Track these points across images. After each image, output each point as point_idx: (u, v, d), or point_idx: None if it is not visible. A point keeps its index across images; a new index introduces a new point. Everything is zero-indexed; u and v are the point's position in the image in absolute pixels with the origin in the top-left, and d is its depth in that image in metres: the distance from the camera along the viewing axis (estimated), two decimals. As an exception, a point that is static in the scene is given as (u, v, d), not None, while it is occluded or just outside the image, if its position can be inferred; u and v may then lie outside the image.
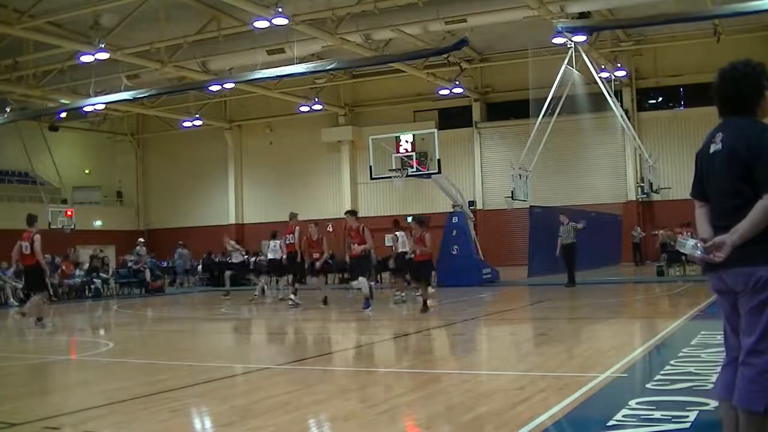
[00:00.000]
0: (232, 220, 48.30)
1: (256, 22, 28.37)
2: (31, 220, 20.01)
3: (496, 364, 11.82)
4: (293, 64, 31.54)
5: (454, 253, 29.10)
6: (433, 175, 29.87)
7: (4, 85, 35.58)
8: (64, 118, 43.22)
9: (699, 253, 4.62)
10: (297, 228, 23.40)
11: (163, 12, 29.34)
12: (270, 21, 27.67)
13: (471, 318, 18.88)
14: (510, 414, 7.37)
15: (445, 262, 28.92)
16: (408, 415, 7.94)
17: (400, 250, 23.51)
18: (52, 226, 38.14)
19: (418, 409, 8.18)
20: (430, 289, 21.16)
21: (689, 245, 4.67)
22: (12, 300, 30.36)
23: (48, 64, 34.40)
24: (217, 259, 38.29)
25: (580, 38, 29.71)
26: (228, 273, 30.00)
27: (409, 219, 23.58)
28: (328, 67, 33.27)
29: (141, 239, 39.14)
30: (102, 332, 20.28)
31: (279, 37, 31.20)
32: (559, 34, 28.42)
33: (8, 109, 38.58)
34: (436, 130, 31.46)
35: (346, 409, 8.30)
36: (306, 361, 12.33)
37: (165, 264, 39.68)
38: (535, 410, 7.36)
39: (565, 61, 30.05)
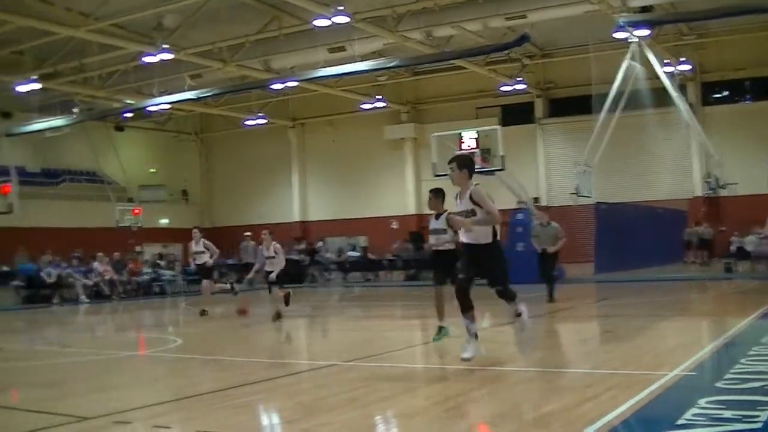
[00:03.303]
0: (296, 218, 48.47)
1: (317, 21, 28.44)
2: None
3: (562, 362, 11.77)
4: (354, 62, 31.61)
5: (519, 249, 28.93)
6: (496, 172, 29.78)
7: (70, 86, 36.11)
8: (129, 118, 43.72)
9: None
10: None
11: (224, 12, 29.51)
12: (330, 19, 27.75)
13: (536, 315, 18.76)
14: (577, 412, 7.35)
15: (511, 259, 28.72)
16: (475, 413, 7.94)
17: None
18: (119, 225, 38.71)
19: (484, 406, 8.19)
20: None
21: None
22: (82, 297, 30.93)
23: (113, 66, 34.79)
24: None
25: (643, 32, 29.38)
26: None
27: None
28: (389, 65, 33.30)
29: (248, 233, 39.55)
30: (170, 329, 20.53)
31: (340, 35, 31.24)
32: (621, 28, 28.13)
33: (75, 110, 39.21)
34: (498, 127, 31.33)
35: (412, 406, 8.33)
36: (371, 357, 12.35)
37: (230, 261, 39.87)
38: (602, 408, 7.31)
39: (628, 56, 29.73)
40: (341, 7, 26.82)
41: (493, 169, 29.60)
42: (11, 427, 7.91)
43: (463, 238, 10.70)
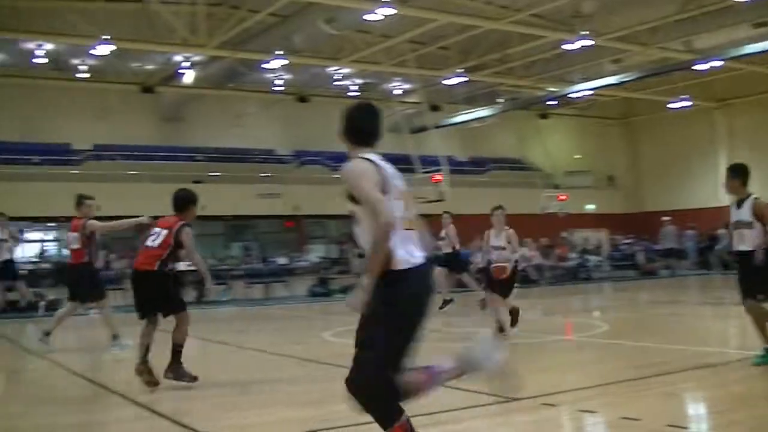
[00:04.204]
0: (722, 204, 46.70)
1: (741, -5, 27.38)
2: None
3: None
4: (781, 36, 30.16)
5: None
6: None
7: (494, 77, 37.24)
8: (552, 105, 44.41)
9: None
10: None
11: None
12: (757, -7, 26.59)
13: None
14: None
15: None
16: None
17: None
18: (545, 211, 39.39)
19: None
20: None
21: None
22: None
23: (534, 55, 35.39)
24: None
25: None
26: None
27: None
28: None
29: (666, 218, 39.72)
30: (596, 314, 20.72)
31: (764, 9, 29.81)
32: None
33: (500, 100, 40.50)
34: None
35: None
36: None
37: (656, 247, 39.57)
38: None
39: None
40: (768, -20, 25.65)
41: None
42: (434, 404, 8.38)
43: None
